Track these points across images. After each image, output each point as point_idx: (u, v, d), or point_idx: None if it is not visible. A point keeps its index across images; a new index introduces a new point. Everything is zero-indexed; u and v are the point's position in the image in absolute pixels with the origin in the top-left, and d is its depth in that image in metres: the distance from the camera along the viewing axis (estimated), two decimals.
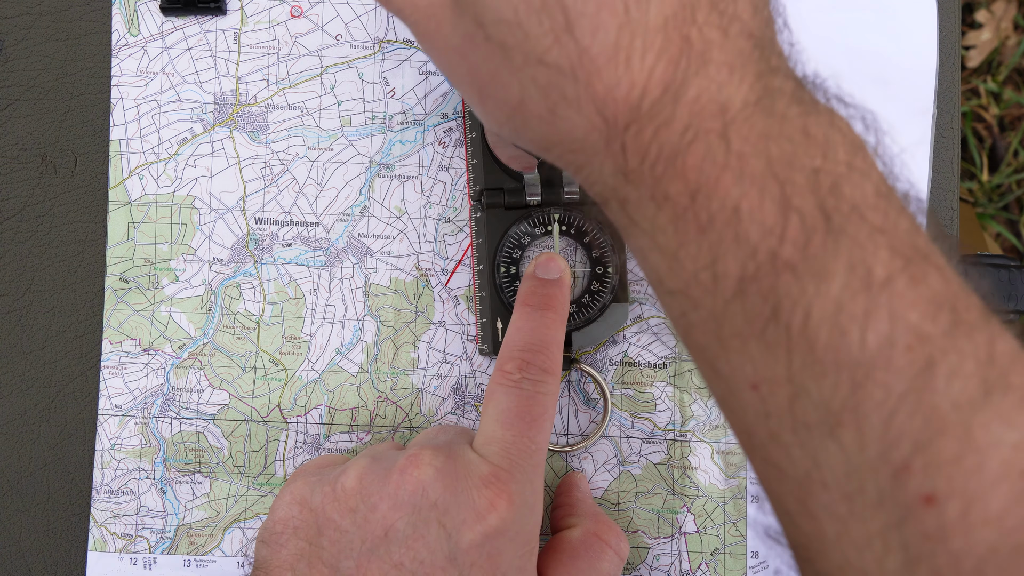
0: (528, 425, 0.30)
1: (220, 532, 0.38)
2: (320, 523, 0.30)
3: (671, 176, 0.21)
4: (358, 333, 0.39)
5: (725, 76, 0.21)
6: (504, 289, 0.37)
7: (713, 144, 0.20)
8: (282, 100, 0.39)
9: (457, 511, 0.29)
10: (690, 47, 0.21)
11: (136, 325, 0.39)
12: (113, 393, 0.39)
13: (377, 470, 0.30)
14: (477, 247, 0.38)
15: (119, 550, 0.38)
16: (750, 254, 0.20)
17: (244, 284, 0.39)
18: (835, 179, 0.20)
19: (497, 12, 0.21)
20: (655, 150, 0.21)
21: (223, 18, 0.39)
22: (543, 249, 0.38)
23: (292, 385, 0.39)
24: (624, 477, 0.39)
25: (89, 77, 0.39)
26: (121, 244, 0.39)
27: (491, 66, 0.22)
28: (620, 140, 0.21)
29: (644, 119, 0.21)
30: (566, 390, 0.39)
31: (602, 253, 0.37)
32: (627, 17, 0.20)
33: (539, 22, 0.21)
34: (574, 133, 0.22)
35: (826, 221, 0.19)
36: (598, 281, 0.37)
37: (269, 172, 0.39)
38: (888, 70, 0.39)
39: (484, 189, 0.37)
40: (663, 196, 0.21)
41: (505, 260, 0.37)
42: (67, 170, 0.39)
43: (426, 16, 0.24)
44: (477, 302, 0.38)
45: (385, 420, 0.39)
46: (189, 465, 0.39)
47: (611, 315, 0.38)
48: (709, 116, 0.20)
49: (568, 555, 0.33)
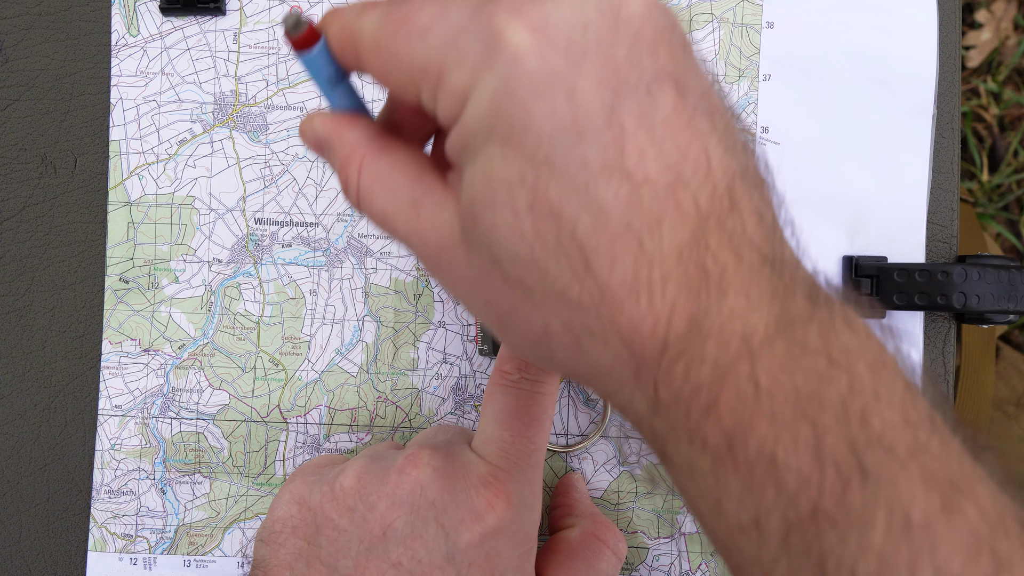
0: (526, 425, 0.31)
1: (220, 532, 0.38)
2: (318, 522, 0.30)
3: (707, 420, 0.20)
4: (358, 333, 0.39)
5: (743, 304, 0.20)
6: None
7: (743, 383, 0.20)
8: (282, 100, 0.39)
9: (455, 511, 0.29)
10: (707, 276, 0.20)
11: (136, 325, 0.39)
12: (113, 393, 0.39)
13: (376, 470, 0.30)
14: None
15: (119, 550, 0.38)
16: (791, 505, 0.20)
17: (244, 284, 0.39)
18: (863, 409, 0.20)
19: (513, 251, 0.21)
20: (688, 391, 0.21)
21: (223, 18, 0.39)
22: None
23: (292, 385, 0.39)
24: (624, 477, 0.39)
25: (89, 77, 0.39)
26: (121, 244, 0.39)
27: (511, 301, 0.22)
28: (651, 375, 0.21)
29: (672, 355, 0.21)
30: (566, 390, 0.39)
31: None
32: (642, 250, 0.20)
33: (556, 260, 0.21)
34: (601, 365, 0.22)
35: (860, 467, 0.19)
36: None
37: (269, 172, 0.39)
38: (888, 70, 0.39)
39: None
40: (701, 442, 0.21)
41: None
42: (67, 170, 0.39)
43: (436, 251, 0.23)
44: None
45: (385, 420, 0.39)
46: (189, 465, 0.39)
47: None
48: (735, 351, 0.20)
49: (566, 555, 0.33)
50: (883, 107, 0.39)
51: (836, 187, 0.39)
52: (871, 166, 0.39)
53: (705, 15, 0.39)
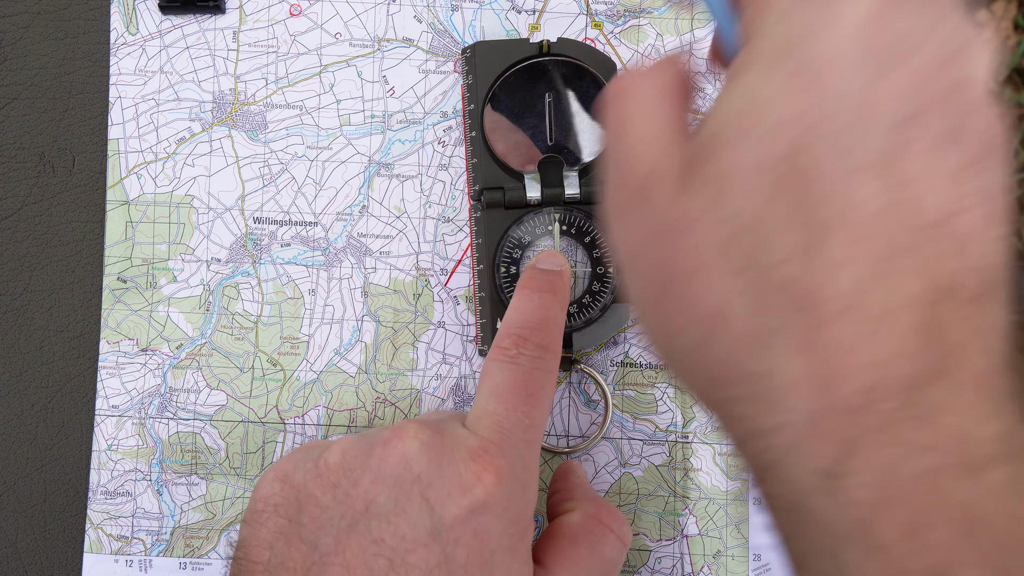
0: (523, 399, 0.28)
1: (216, 535, 0.38)
2: (301, 499, 0.28)
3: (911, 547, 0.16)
4: (357, 333, 0.38)
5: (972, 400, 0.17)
6: (504, 289, 0.37)
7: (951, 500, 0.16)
8: (281, 99, 0.39)
9: (442, 484, 0.27)
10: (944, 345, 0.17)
11: (134, 325, 0.38)
12: (110, 393, 0.38)
13: (361, 444, 0.29)
14: (477, 247, 0.37)
15: (115, 552, 0.38)
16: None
17: (242, 284, 0.39)
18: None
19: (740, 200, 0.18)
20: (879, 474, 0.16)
21: (222, 16, 0.39)
22: (544, 248, 0.38)
23: (290, 386, 0.38)
24: (625, 479, 0.38)
25: (87, 76, 0.39)
26: (119, 244, 0.39)
27: (697, 260, 0.19)
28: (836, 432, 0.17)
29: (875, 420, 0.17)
30: (566, 391, 0.39)
31: (603, 253, 0.37)
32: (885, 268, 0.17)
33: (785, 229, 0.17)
34: (770, 380, 0.18)
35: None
36: (599, 281, 0.37)
37: (268, 171, 0.39)
38: None
39: (484, 188, 0.37)
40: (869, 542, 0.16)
41: (505, 260, 0.37)
42: (65, 169, 0.39)
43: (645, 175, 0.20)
44: (477, 302, 0.38)
45: (384, 421, 0.38)
46: (185, 467, 0.38)
47: (612, 315, 0.37)
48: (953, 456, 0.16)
49: (568, 541, 0.31)
50: None
51: None
52: None
53: (706, 14, 0.39)
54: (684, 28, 0.39)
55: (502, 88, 0.37)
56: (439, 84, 0.39)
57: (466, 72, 0.38)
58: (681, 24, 0.39)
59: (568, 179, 0.37)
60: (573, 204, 0.37)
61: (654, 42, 0.39)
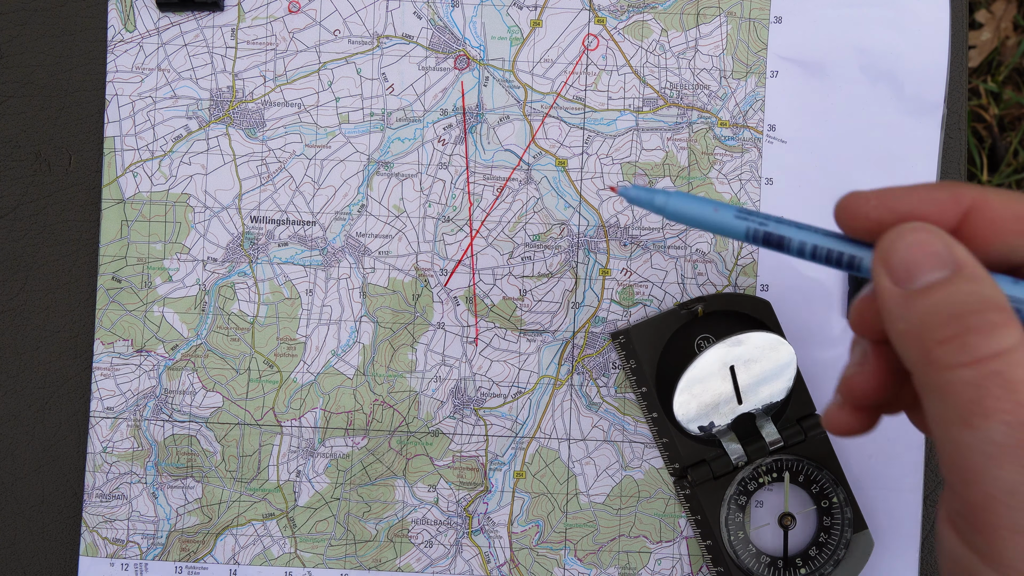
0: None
1: (212, 538, 0.38)
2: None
3: None
4: (355, 334, 0.38)
5: None
6: (739, 554, 0.36)
7: None
8: (279, 97, 0.38)
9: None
10: None
11: (128, 325, 0.38)
12: (105, 395, 0.38)
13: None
14: (697, 523, 0.37)
15: (110, 555, 0.38)
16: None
17: (238, 284, 0.38)
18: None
19: None
20: None
21: (220, 14, 0.38)
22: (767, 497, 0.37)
23: (287, 388, 0.38)
24: (626, 481, 0.38)
25: (84, 74, 0.39)
26: (114, 243, 0.38)
27: None
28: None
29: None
30: (567, 392, 0.38)
31: (822, 487, 0.36)
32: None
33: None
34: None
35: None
36: (828, 516, 0.36)
37: (265, 170, 0.38)
38: (897, 67, 0.38)
39: (687, 467, 0.36)
40: None
41: (731, 526, 0.36)
42: (61, 168, 0.38)
43: None
44: None
45: (382, 424, 0.38)
46: (181, 469, 0.38)
47: (856, 547, 0.36)
48: None
49: None
50: (891, 105, 0.38)
51: (843, 185, 0.38)
52: (878, 165, 0.38)
53: (712, 9, 0.38)
54: (689, 24, 0.38)
55: (670, 363, 0.36)
56: (439, 81, 0.38)
57: (624, 356, 0.37)
58: (687, 20, 0.38)
59: (764, 428, 0.36)
60: (778, 449, 0.36)
61: (659, 38, 0.38)
